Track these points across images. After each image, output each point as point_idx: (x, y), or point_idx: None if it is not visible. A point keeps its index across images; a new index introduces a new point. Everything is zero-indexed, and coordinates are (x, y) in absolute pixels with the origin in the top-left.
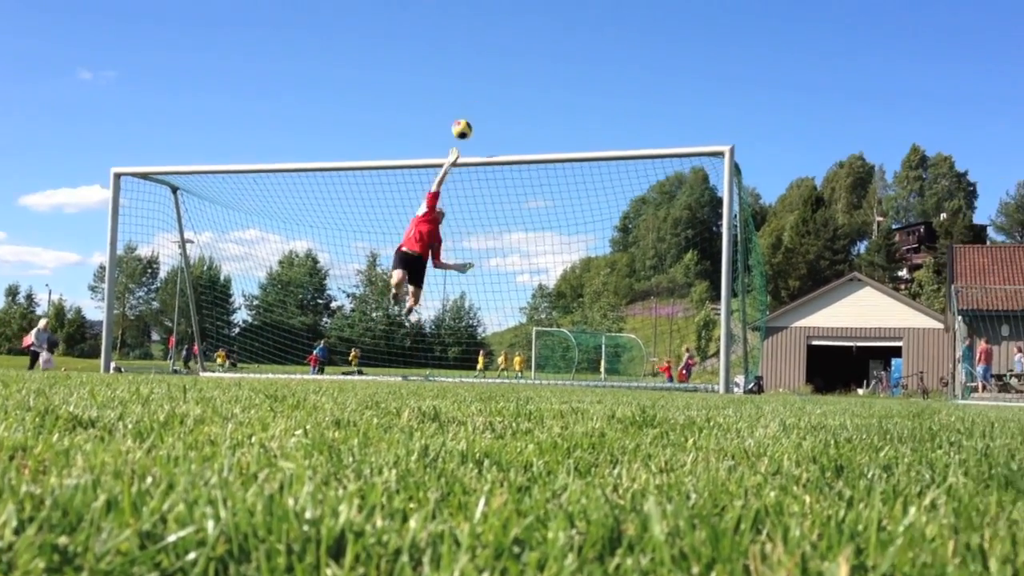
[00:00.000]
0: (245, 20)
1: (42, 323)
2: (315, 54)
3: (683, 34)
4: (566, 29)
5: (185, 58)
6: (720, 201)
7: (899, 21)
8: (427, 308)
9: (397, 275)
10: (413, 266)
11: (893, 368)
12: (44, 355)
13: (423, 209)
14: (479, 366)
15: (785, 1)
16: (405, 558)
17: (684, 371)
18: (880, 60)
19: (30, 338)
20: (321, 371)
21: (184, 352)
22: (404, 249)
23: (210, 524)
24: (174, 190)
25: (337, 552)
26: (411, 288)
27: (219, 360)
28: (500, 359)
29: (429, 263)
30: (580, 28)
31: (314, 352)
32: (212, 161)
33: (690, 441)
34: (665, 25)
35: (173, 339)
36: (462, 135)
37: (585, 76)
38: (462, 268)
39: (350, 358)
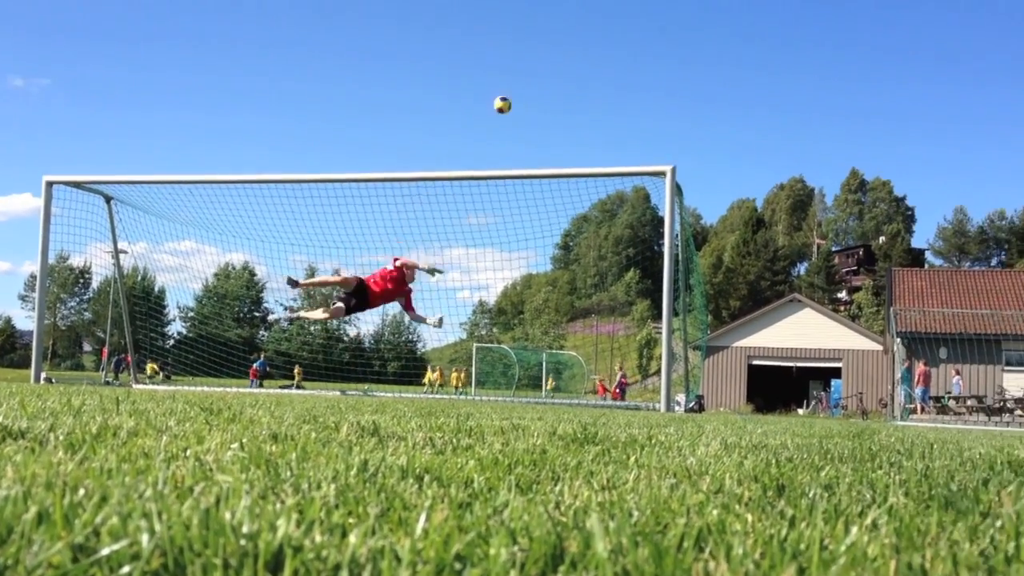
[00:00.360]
0: (178, 32)
1: None
2: (248, 65)
3: (627, 54)
4: (510, 46)
5: (120, 68)
6: (662, 220)
7: (840, 47)
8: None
9: (340, 306)
10: (361, 300)
11: (833, 389)
12: None
13: (391, 267)
14: (426, 381)
15: (727, 24)
16: (345, 573)
17: (618, 389)
18: (820, 84)
19: None
20: (261, 384)
21: (115, 363)
22: (365, 280)
23: (144, 538)
24: (108, 200)
25: (275, 567)
26: (337, 307)
27: (149, 371)
28: (436, 375)
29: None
30: (524, 46)
31: (254, 365)
32: (147, 171)
33: (632, 459)
34: (608, 45)
35: (106, 350)
36: (500, 111)
37: (527, 94)
38: (431, 271)
39: (295, 373)
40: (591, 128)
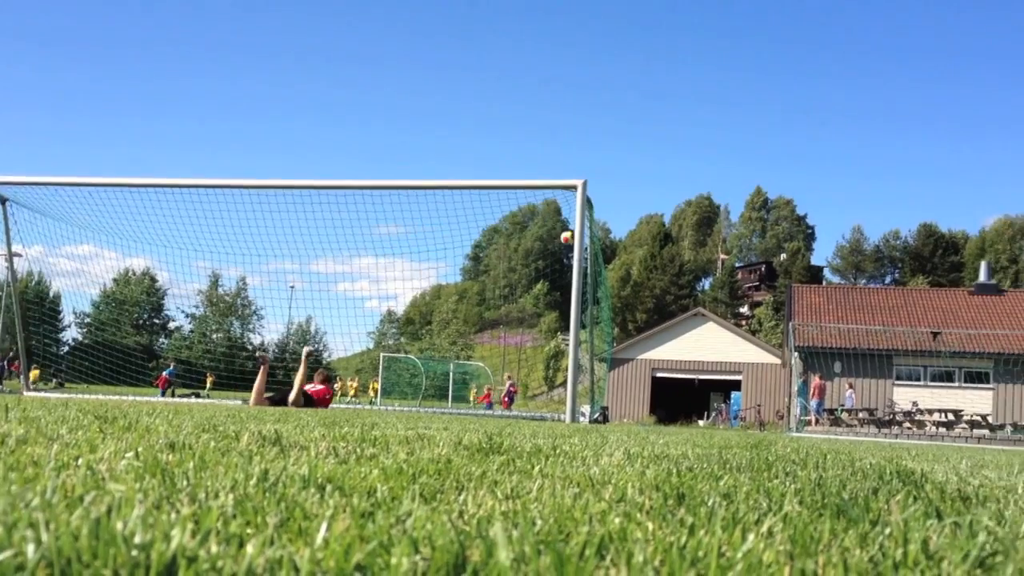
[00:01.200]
0: (72, 32)
1: None
2: (147, 65)
3: (537, 69)
4: (423, 59)
5: (15, 66)
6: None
7: (745, 68)
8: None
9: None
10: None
11: (732, 401)
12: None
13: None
14: (351, 392)
15: (636, 41)
16: None
17: (506, 398)
18: (728, 103)
19: None
20: (173, 393)
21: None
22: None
23: (30, 548)
24: (2, 201)
25: None
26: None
27: (32, 378)
28: (337, 385)
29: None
30: (436, 59)
31: (164, 373)
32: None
33: (536, 468)
34: (518, 59)
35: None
36: (566, 240)
37: (439, 107)
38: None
39: (206, 382)
40: (502, 140)
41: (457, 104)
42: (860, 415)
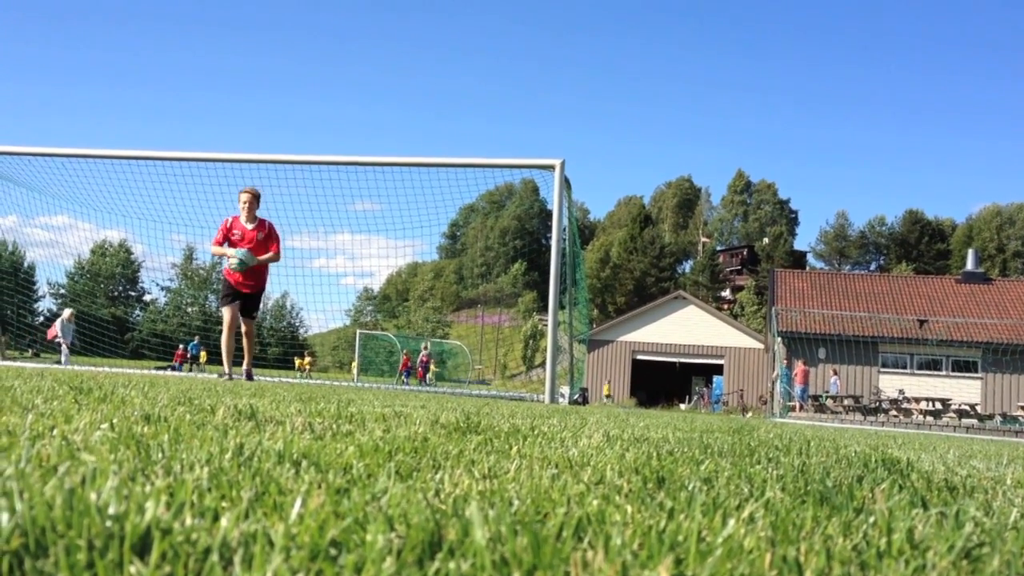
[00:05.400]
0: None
1: (67, 313)
2: (125, 39)
3: (518, 48)
4: (400, 35)
5: None
6: (550, 213)
7: (729, 49)
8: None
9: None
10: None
11: (714, 385)
12: (65, 351)
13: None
14: (300, 366)
15: (617, 21)
16: (215, 557)
17: (420, 368)
18: (709, 85)
19: (54, 330)
20: (191, 368)
21: None
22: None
23: (4, 517)
24: None
25: (142, 549)
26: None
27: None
28: (307, 360)
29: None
30: (414, 36)
31: (184, 347)
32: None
33: (514, 449)
34: (499, 38)
35: None
36: None
37: (417, 85)
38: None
39: (304, 363)
40: (480, 119)
41: (435, 82)
42: (845, 402)
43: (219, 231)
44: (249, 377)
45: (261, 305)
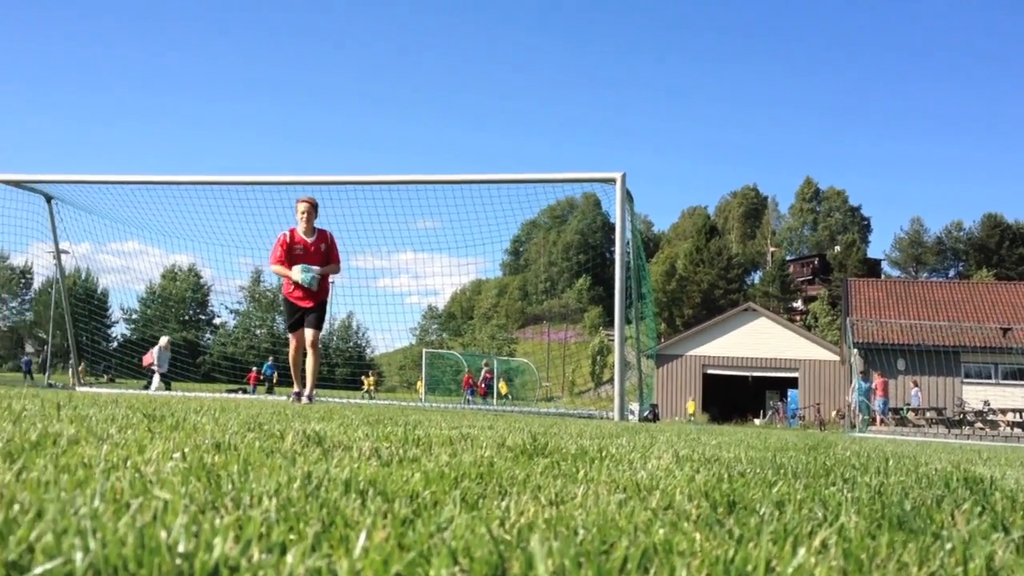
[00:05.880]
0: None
1: (163, 341)
2: (191, 67)
3: (579, 58)
4: (456, 47)
5: (62, 70)
6: (612, 227)
7: (792, 53)
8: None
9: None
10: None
11: (790, 399)
12: (157, 378)
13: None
14: (366, 386)
15: (679, 28)
16: None
17: (483, 385)
18: (773, 91)
19: (151, 356)
20: (270, 390)
21: (24, 363)
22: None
23: (79, 556)
24: (48, 199)
25: None
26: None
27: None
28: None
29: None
30: (477, 54)
31: (259, 369)
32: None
33: (581, 472)
34: (560, 48)
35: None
36: None
37: (481, 101)
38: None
39: (367, 382)
40: (541, 132)
41: (495, 99)
42: (928, 415)
43: (277, 247)
44: (310, 399)
45: (327, 325)
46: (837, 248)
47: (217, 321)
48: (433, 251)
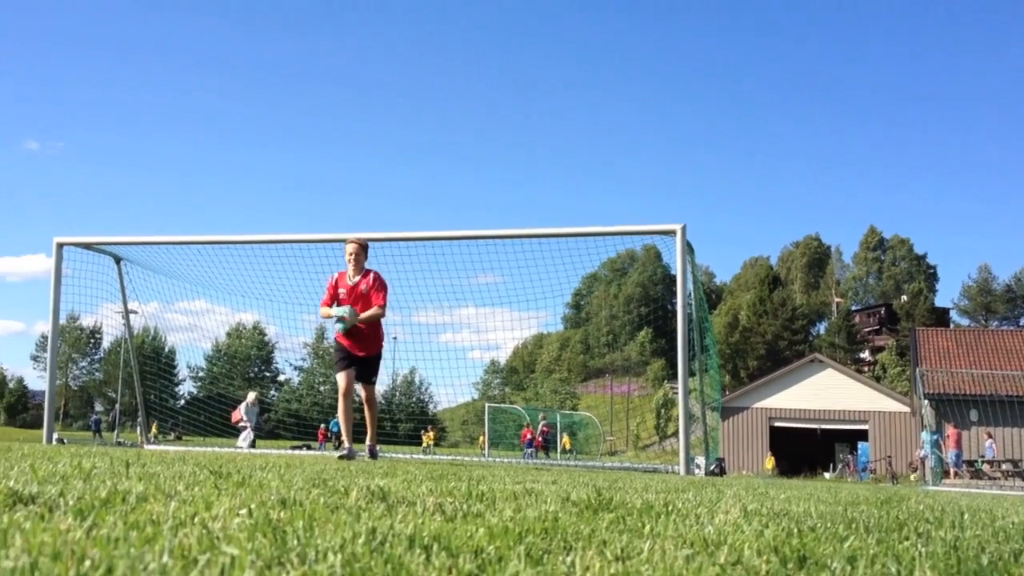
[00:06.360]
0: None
1: (251, 397)
2: (253, 128)
3: (635, 109)
4: (515, 103)
5: (129, 132)
6: (673, 279)
7: (853, 100)
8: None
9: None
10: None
11: (860, 452)
12: (245, 433)
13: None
14: (425, 443)
15: (737, 76)
16: None
17: (540, 439)
18: (834, 140)
19: (239, 413)
20: (335, 446)
21: (94, 422)
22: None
23: None
24: (117, 260)
25: None
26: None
27: (154, 431)
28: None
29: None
30: (531, 103)
31: (326, 426)
32: (156, 232)
33: (647, 527)
34: (616, 100)
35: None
36: None
37: (535, 153)
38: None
39: (424, 438)
40: (602, 185)
41: (556, 152)
42: (1003, 467)
43: (326, 291)
44: (372, 455)
45: (387, 377)
46: (904, 297)
47: (282, 378)
48: (495, 305)
